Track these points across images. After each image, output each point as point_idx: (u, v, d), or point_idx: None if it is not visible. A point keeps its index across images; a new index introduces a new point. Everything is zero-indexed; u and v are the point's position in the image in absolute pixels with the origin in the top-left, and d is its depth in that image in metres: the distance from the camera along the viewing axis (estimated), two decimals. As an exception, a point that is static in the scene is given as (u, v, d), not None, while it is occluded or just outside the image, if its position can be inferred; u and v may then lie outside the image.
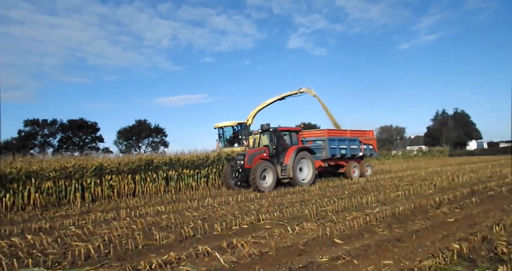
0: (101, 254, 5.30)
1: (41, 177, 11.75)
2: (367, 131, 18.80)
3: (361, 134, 18.26)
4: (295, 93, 19.38)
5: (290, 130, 15.24)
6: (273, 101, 19.55)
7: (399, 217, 7.35)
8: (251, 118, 19.20)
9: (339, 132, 17.59)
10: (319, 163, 16.04)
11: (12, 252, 5.59)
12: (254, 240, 5.77)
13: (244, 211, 8.69)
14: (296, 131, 15.41)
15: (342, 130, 18.11)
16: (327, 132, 16.54)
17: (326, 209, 8.46)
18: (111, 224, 7.65)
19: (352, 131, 18.00)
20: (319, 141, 16.46)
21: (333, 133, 16.93)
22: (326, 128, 16.71)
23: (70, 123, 56.18)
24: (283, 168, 13.92)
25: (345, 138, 17.17)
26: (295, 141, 15.13)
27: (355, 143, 17.58)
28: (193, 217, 8.12)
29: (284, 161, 13.98)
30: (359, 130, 18.72)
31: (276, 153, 14.07)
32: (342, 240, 5.65)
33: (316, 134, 17.18)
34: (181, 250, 5.25)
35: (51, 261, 5.03)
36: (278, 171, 13.82)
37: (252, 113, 19.41)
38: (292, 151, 14.10)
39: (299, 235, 6.04)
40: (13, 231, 7.31)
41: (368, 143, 18.38)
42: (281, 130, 14.66)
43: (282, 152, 14.22)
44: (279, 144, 14.25)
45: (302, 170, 14.71)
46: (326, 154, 16.07)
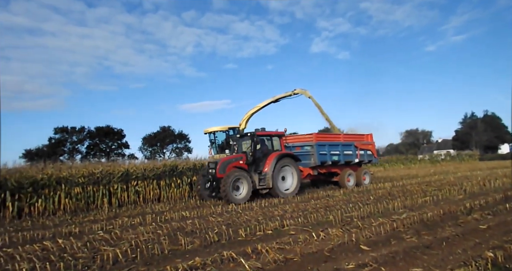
0: (129, 259, 5.41)
1: (71, 183, 12.14)
2: (364, 135, 17.09)
3: (357, 139, 16.57)
4: (289, 95, 18.00)
5: (271, 134, 13.71)
6: (266, 103, 18.13)
7: (427, 223, 7.14)
8: (244, 122, 17.83)
9: (331, 137, 15.93)
10: (307, 171, 14.61)
11: (45, 255, 5.78)
12: (278, 246, 5.74)
13: (268, 217, 8.67)
14: (278, 136, 13.88)
15: (335, 134, 16.54)
16: (315, 136, 14.81)
17: (352, 215, 8.32)
18: (137, 229, 7.80)
19: (346, 135, 16.50)
20: (307, 146, 14.89)
21: (323, 137, 15.30)
22: (314, 132, 14.97)
23: (97, 130, 57.83)
24: (261, 177, 12.55)
25: (337, 143, 15.47)
26: (277, 146, 13.71)
27: (349, 149, 15.86)
28: (217, 223, 8.17)
29: (264, 169, 12.62)
30: (355, 134, 17.26)
31: (253, 161, 12.68)
32: (368, 246, 5.53)
33: (304, 139, 15.45)
34: (206, 256, 5.28)
35: (81, 265, 5.17)
36: (256, 181, 12.46)
37: (245, 117, 18.02)
38: (273, 158, 12.73)
39: (324, 241, 5.96)
40: (45, 235, 7.57)
41: (366, 148, 16.58)
42: (260, 134, 13.25)
43: (262, 159, 12.87)
44: (258, 150, 12.95)
45: (285, 179, 13.32)
46: (315, 161, 14.45)
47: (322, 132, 15.67)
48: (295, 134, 16.67)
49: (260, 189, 12.61)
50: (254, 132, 12.94)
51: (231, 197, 11.40)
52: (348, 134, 16.85)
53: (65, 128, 55.97)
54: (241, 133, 13.24)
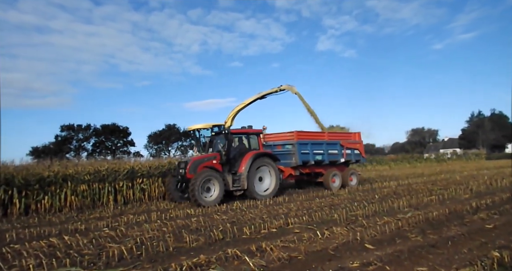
0: (134, 256, 5.44)
1: (77, 180, 12.22)
2: (351, 134, 16.31)
3: (343, 137, 15.73)
4: (275, 91, 17.31)
5: (248, 132, 13.06)
6: (252, 100, 17.43)
7: (433, 222, 7.10)
8: (230, 119, 17.22)
9: (314, 135, 15.01)
10: (289, 171, 13.84)
11: (51, 252, 5.83)
12: (283, 244, 5.74)
13: (272, 215, 8.67)
14: (256, 134, 13.18)
15: (318, 132, 15.54)
16: (297, 134, 13.98)
17: (356, 214, 8.30)
18: (142, 226, 7.84)
19: (331, 134, 15.53)
20: (288, 145, 14.12)
21: (305, 135, 14.40)
22: (296, 130, 14.05)
23: (103, 128, 58.18)
24: (236, 178, 11.85)
25: (321, 142, 14.67)
26: (254, 145, 13.05)
27: (335, 148, 15.03)
28: (222, 220, 8.19)
29: (239, 169, 11.94)
30: (341, 132, 16.51)
31: (227, 160, 11.98)
32: (373, 245, 5.52)
33: (285, 137, 14.64)
34: (211, 253, 5.30)
35: (87, 261, 5.22)
36: (229, 182, 11.74)
37: (231, 114, 17.28)
38: (248, 158, 12.02)
39: (329, 240, 5.96)
40: (52, 232, 7.63)
41: (353, 147, 15.72)
42: (235, 132, 12.67)
43: (237, 158, 12.19)
44: (233, 149, 12.32)
45: (263, 180, 12.62)
46: (296, 161, 13.65)
47: (303, 131, 14.43)
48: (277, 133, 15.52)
49: (234, 191, 11.91)
50: (228, 129, 12.28)
51: (200, 199, 10.65)
52: (333, 132, 16.07)
53: (71, 125, 56.39)
54: (215, 130, 12.44)
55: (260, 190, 12.34)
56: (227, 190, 11.49)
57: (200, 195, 10.68)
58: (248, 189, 11.82)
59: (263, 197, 12.04)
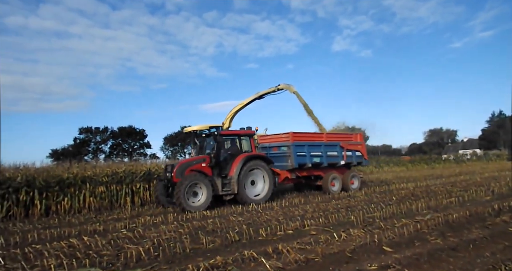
0: (151, 257, 5.50)
1: (95, 182, 12.44)
2: (352, 135, 15.67)
3: (343, 138, 15.02)
4: (273, 91, 16.78)
5: (239, 134, 12.48)
6: (250, 100, 16.93)
7: (453, 225, 6.94)
8: (228, 121, 16.74)
9: (311, 136, 14.35)
10: (285, 174, 13.16)
11: (71, 252, 5.95)
12: (299, 246, 5.71)
13: (288, 217, 8.64)
14: (248, 135, 12.56)
15: (316, 133, 15.03)
16: (292, 135, 13.29)
17: (374, 216, 8.20)
18: (159, 227, 7.92)
19: (330, 135, 14.90)
20: (283, 147, 13.52)
21: (301, 137, 13.72)
22: (291, 131, 13.37)
23: (120, 130, 59.15)
24: (226, 182, 11.32)
25: (319, 143, 13.99)
26: (247, 147, 12.47)
27: (334, 149, 14.31)
28: (238, 222, 8.20)
29: (229, 173, 11.40)
30: (341, 133, 15.94)
31: (217, 163, 11.45)
32: (391, 248, 5.43)
33: (280, 139, 13.98)
34: (227, 255, 5.31)
35: (106, 262, 5.30)
36: (219, 186, 11.21)
37: (228, 115, 16.83)
38: (239, 161, 11.52)
39: (346, 242, 5.90)
40: (71, 233, 7.79)
41: (355, 149, 15.00)
42: (226, 134, 12.21)
43: (228, 161, 11.64)
44: (224, 151, 11.84)
45: (256, 184, 12.05)
46: (292, 163, 13.05)
47: (300, 132, 13.75)
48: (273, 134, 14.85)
49: (223, 195, 11.33)
50: (218, 131, 11.74)
51: (186, 204, 10.17)
52: (332, 133, 15.47)
53: (89, 128, 57.53)
54: (206, 132, 12.04)
55: (252, 194, 11.77)
56: (216, 194, 10.96)
57: (186, 200, 10.22)
58: (239, 193, 11.27)
59: (255, 201, 11.45)
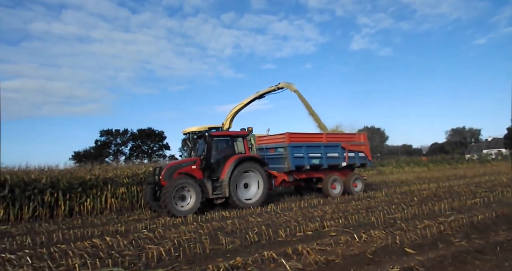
0: (172, 257, 5.56)
1: (116, 183, 12.69)
2: (355, 135, 14.87)
3: (345, 139, 14.31)
4: (273, 90, 16.32)
5: (232, 135, 12.09)
6: (251, 100, 16.60)
7: (478, 226, 6.74)
8: (228, 121, 16.49)
9: (310, 137, 13.64)
10: (282, 176, 12.73)
11: (94, 252, 6.08)
12: (319, 247, 5.66)
13: (307, 218, 8.59)
14: (241, 136, 12.12)
15: (315, 134, 14.34)
16: (289, 136, 12.68)
17: (395, 217, 8.05)
18: (179, 228, 8.01)
19: (330, 135, 14.22)
20: (280, 148, 12.90)
21: (299, 137, 13.09)
22: (288, 132, 12.76)
23: (139, 132, 60.07)
24: (217, 185, 10.92)
25: (318, 144, 13.33)
26: (240, 149, 11.98)
27: (335, 150, 13.67)
28: (257, 223, 8.21)
29: (221, 175, 10.99)
30: (342, 133, 15.29)
31: (208, 165, 11.05)
32: (414, 249, 5.32)
33: (277, 140, 13.34)
34: (247, 255, 5.32)
35: (128, 262, 5.39)
36: (209, 189, 10.85)
37: (228, 115, 16.53)
38: (230, 163, 11.08)
39: (367, 243, 5.81)
40: (94, 233, 7.96)
41: (358, 150, 14.28)
42: (216, 135, 11.61)
43: (220, 163, 11.23)
44: (217, 153, 11.43)
45: (249, 187, 11.62)
46: (288, 165, 12.46)
47: (297, 132, 13.13)
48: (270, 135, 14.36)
49: (214, 199, 10.95)
50: (208, 131, 11.40)
51: (173, 208, 9.83)
52: (333, 133, 14.84)
53: (110, 131, 58.66)
54: (198, 134, 11.71)
55: (245, 197, 11.35)
56: (206, 198, 10.69)
57: (173, 205, 9.88)
58: (230, 196, 10.86)
59: (247, 205, 11.02)
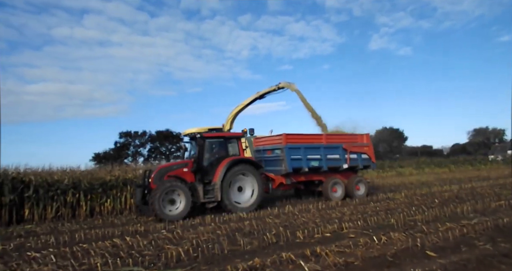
0: (191, 257, 5.61)
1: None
2: (357, 135, 14.11)
3: (347, 140, 13.67)
4: (273, 90, 16.08)
5: (225, 136, 11.67)
6: (251, 100, 16.36)
7: (503, 229, 6.55)
8: (229, 122, 16.21)
9: (308, 138, 13.08)
10: (280, 179, 12.30)
11: (115, 251, 6.19)
12: (338, 249, 5.61)
13: (325, 219, 8.52)
14: (235, 138, 11.77)
15: (314, 134, 13.77)
16: (285, 137, 12.21)
17: (415, 219, 7.91)
18: (197, 229, 8.07)
19: (330, 136, 13.68)
20: (277, 150, 12.45)
21: (296, 139, 12.58)
22: (284, 133, 12.34)
23: (157, 134, 60.88)
24: (209, 188, 10.54)
25: (318, 146, 12.80)
26: (234, 151, 11.52)
27: (336, 152, 13.10)
28: (274, 224, 8.19)
29: (213, 178, 10.61)
30: (344, 133, 14.65)
31: (200, 168, 10.72)
32: (435, 252, 5.21)
33: (274, 141, 12.91)
34: (265, 257, 5.31)
35: (148, 261, 5.46)
36: (200, 193, 10.44)
37: (229, 116, 16.26)
38: (223, 165, 10.68)
39: (387, 246, 5.73)
40: (115, 233, 8.11)
41: (360, 151, 13.64)
42: (209, 136, 11.13)
43: (213, 166, 10.84)
44: (208, 155, 11.06)
45: (244, 190, 11.17)
46: (285, 168, 11.99)
47: (294, 133, 12.64)
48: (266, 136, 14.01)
49: (206, 203, 10.57)
50: (201, 133, 11.05)
51: (161, 212, 9.55)
52: (333, 134, 14.27)
53: (129, 132, 59.65)
54: (190, 135, 11.40)
55: (239, 201, 10.96)
56: (197, 202, 10.37)
57: (162, 208, 9.60)
58: (222, 200, 10.50)
59: (241, 210, 10.59)
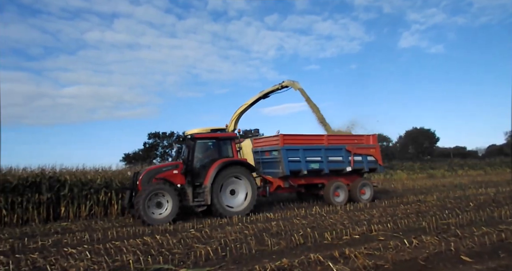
0: (219, 256, 5.67)
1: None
2: (363, 136, 13.33)
3: (350, 141, 12.96)
4: (277, 88, 15.60)
5: (218, 137, 11.07)
6: (255, 100, 15.88)
7: (544, 235, 6.23)
8: (233, 123, 15.76)
9: (307, 139, 12.43)
10: (278, 182, 11.82)
11: (146, 249, 6.35)
12: (367, 251, 5.51)
13: (354, 221, 8.40)
14: (229, 139, 11.26)
15: (314, 135, 12.98)
16: (282, 138, 11.67)
17: (448, 222, 7.66)
18: (225, 228, 8.16)
19: (332, 137, 12.97)
20: (274, 151, 11.92)
21: (294, 140, 12.04)
22: (281, 133, 11.80)
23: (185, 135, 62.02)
24: (199, 191, 10.15)
25: (318, 147, 12.17)
26: (227, 152, 11.05)
27: (339, 154, 12.40)
28: (302, 225, 8.15)
29: (204, 181, 10.18)
30: (348, 134, 13.97)
31: (189, 170, 10.31)
32: (471, 258, 5.02)
33: (271, 142, 12.36)
34: (293, 257, 5.30)
35: (177, 259, 5.58)
36: (190, 196, 10.12)
37: (233, 117, 15.84)
38: (214, 168, 10.21)
39: (418, 249, 5.58)
40: (145, 231, 8.32)
41: (366, 153, 12.85)
42: (200, 137, 10.75)
43: (205, 168, 10.44)
44: (199, 157, 10.75)
45: (237, 194, 10.70)
46: (283, 170, 11.50)
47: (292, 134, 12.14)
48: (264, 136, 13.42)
49: (195, 206, 10.22)
50: (191, 134, 10.72)
51: (146, 216, 9.19)
52: (336, 135, 13.61)
53: (157, 133, 60.97)
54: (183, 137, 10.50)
55: (231, 205, 10.51)
56: (186, 205, 10.12)
57: (147, 212, 9.26)
58: (213, 204, 10.03)
59: (232, 214, 10.16)
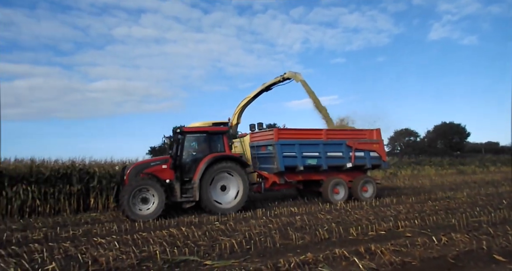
0: (244, 249, 5.72)
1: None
2: (366, 131, 12.60)
3: (352, 136, 12.23)
4: (279, 80, 15.10)
5: (208, 131, 10.71)
6: (257, 92, 15.51)
7: None
8: (236, 116, 15.41)
9: (304, 133, 11.85)
10: (273, 178, 11.39)
11: (172, 241, 6.48)
12: (394, 247, 5.42)
13: (380, 217, 8.27)
14: (220, 133, 10.80)
15: (311, 129, 12.31)
16: (277, 132, 11.24)
17: (480, 220, 7.42)
18: (249, 222, 8.22)
19: (331, 131, 12.29)
20: (270, 146, 11.41)
21: (290, 134, 11.53)
22: (276, 127, 11.13)
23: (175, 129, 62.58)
24: (187, 187, 9.90)
25: (316, 142, 11.59)
26: (218, 147, 10.60)
27: (338, 149, 11.77)
28: (326, 220, 8.10)
29: (194, 176, 9.91)
30: (348, 128, 13.25)
31: (178, 165, 10.03)
32: (504, 257, 4.84)
33: (266, 137, 11.87)
34: (317, 252, 5.28)
35: (203, 251, 5.67)
36: (177, 191, 9.85)
37: (236, 110, 15.47)
38: (203, 163, 9.93)
39: (447, 247, 5.44)
40: (171, 223, 8.50)
41: (368, 148, 12.16)
42: (189, 131, 10.51)
43: (194, 163, 10.18)
44: (189, 151, 10.53)
45: (228, 190, 10.35)
46: (277, 166, 11.00)
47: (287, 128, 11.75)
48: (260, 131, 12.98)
49: (182, 202, 9.97)
50: (180, 127, 10.45)
51: (131, 212, 8.97)
52: (336, 129, 12.97)
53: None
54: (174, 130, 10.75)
55: (221, 202, 10.18)
56: (175, 201, 9.88)
57: (132, 208, 9.04)
58: (202, 200, 9.77)
59: (222, 211, 9.85)
